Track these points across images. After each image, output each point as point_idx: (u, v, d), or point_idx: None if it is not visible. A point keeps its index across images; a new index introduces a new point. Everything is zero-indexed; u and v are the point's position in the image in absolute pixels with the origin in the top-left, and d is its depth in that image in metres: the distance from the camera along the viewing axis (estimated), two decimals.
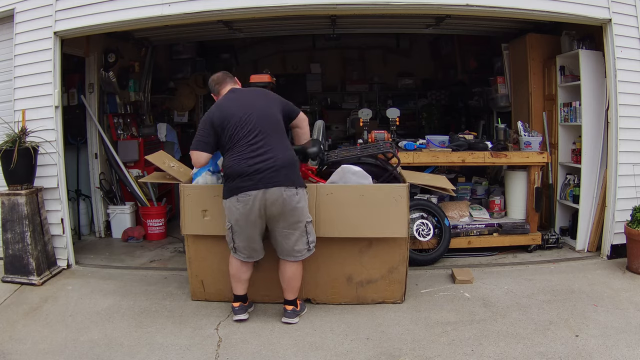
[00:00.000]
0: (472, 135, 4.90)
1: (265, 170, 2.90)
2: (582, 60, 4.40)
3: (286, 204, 2.94)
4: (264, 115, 3.02)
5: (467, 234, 4.46)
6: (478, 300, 3.46)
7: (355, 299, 3.44)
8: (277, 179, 2.90)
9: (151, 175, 4.00)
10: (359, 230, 3.30)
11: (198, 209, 3.39)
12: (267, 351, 2.84)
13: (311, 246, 3.13)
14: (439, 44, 7.66)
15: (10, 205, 3.87)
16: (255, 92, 3.25)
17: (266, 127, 3.00)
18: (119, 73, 5.50)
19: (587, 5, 4.04)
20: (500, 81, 5.68)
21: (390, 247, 3.36)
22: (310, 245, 3.13)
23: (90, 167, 5.32)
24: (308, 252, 3.13)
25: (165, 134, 6.23)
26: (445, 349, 2.81)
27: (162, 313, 3.35)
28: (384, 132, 4.41)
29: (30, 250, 3.85)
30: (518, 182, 4.62)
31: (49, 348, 2.89)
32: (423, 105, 8.22)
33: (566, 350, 2.75)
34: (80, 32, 4.20)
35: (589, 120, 4.40)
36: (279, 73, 7.47)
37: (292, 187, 2.94)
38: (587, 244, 4.49)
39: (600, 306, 3.31)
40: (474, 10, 4.01)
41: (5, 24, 4.27)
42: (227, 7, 3.93)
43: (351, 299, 3.43)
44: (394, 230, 3.30)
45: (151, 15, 3.96)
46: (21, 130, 3.90)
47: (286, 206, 2.94)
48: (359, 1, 3.92)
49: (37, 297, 3.62)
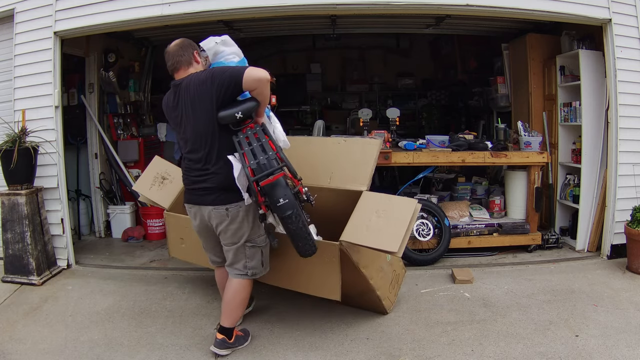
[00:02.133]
0: (472, 135, 4.90)
1: (198, 189, 2.68)
2: (582, 60, 4.40)
3: (219, 223, 2.68)
4: (198, 127, 2.60)
5: (467, 234, 4.46)
6: (478, 300, 3.46)
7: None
8: (207, 200, 2.65)
9: (141, 196, 3.73)
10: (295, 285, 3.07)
11: (177, 236, 3.45)
12: (267, 350, 2.84)
13: (249, 272, 2.75)
14: (439, 44, 7.66)
15: (10, 205, 3.87)
16: (193, 89, 2.60)
17: (201, 141, 2.61)
18: (119, 73, 5.50)
19: (587, 5, 4.04)
20: (500, 81, 5.68)
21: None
22: (248, 271, 2.75)
23: (90, 167, 5.32)
24: (246, 277, 2.76)
25: (165, 134, 6.22)
26: (445, 349, 2.81)
27: (162, 313, 3.35)
28: (384, 132, 4.41)
29: (30, 250, 3.85)
30: (518, 182, 4.61)
31: (49, 348, 2.89)
32: (423, 105, 8.22)
33: (566, 350, 2.75)
34: (80, 32, 4.20)
35: (589, 120, 4.40)
36: (279, 73, 7.47)
37: (221, 206, 2.63)
38: (587, 244, 4.49)
39: (600, 306, 3.31)
40: (474, 10, 4.01)
41: (5, 24, 4.27)
42: (227, 7, 3.93)
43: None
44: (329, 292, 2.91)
45: (151, 15, 3.96)
46: (21, 130, 3.90)
47: (219, 225, 2.68)
48: (359, 1, 3.91)
49: (37, 297, 3.62)
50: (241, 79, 2.49)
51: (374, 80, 8.39)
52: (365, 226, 2.76)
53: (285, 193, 2.40)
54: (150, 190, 3.58)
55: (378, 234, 2.70)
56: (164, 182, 3.60)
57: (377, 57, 8.42)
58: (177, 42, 2.78)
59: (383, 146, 4.18)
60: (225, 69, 2.61)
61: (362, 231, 2.74)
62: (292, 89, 7.83)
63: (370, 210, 2.82)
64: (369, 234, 2.72)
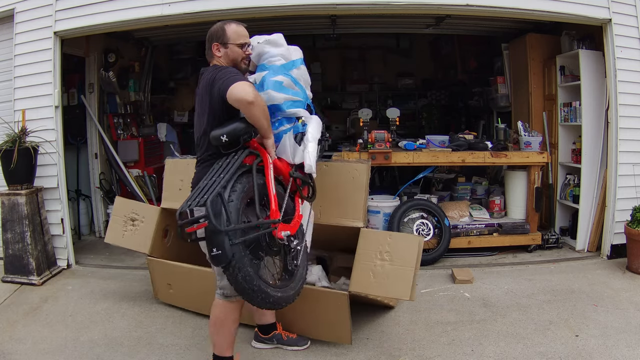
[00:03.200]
0: (472, 135, 4.90)
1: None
2: (582, 60, 4.40)
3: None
4: (197, 124, 2.44)
5: (467, 234, 4.46)
6: (478, 300, 3.46)
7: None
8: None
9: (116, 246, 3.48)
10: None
11: (163, 281, 3.38)
12: (267, 350, 2.84)
13: (218, 292, 2.40)
14: (439, 44, 7.66)
15: (10, 205, 3.87)
16: (201, 85, 2.39)
17: (198, 140, 2.44)
18: (119, 73, 5.50)
19: (587, 5, 4.04)
20: (500, 81, 5.68)
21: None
22: (218, 290, 2.41)
23: (90, 167, 5.32)
24: (222, 297, 2.41)
25: (165, 134, 6.23)
26: (445, 349, 2.80)
27: (162, 313, 3.35)
28: (384, 132, 4.42)
29: (30, 250, 3.85)
30: (518, 182, 4.62)
31: (49, 348, 2.89)
32: (423, 105, 8.22)
33: (566, 350, 2.75)
34: (80, 32, 4.20)
35: (589, 120, 4.40)
36: None
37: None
38: (587, 244, 4.49)
39: (600, 306, 3.31)
40: (474, 10, 4.01)
41: (5, 24, 4.27)
42: (227, 7, 3.94)
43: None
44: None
45: (151, 15, 3.96)
46: (21, 130, 3.90)
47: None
48: (359, 1, 3.92)
49: (37, 297, 3.62)
50: (225, 95, 2.20)
51: (374, 80, 8.38)
52: (370, 272, 2.73)
53: (219, 242, 2.00)
54: (124, 237, 3.39)
55: (386, 281, 2.69)
56: (135, 223, 3.40)
57: (377, 57, 8.41)
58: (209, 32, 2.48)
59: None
60: (223, 76, 2.28)
61: (369, 278, 2.72)
62: None
63: (374, 251, 2.78)
64: (377, 281, 2.71)
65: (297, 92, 2.58)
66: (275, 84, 2.46)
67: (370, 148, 4.29)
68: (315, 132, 2.59)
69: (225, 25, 2.45)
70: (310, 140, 2.54)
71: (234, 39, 2.42)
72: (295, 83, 2.58)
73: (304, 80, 2.70)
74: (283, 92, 2.48)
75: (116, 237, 3.47)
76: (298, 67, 2.64)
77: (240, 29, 2.45)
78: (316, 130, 2.61)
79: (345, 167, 3.06)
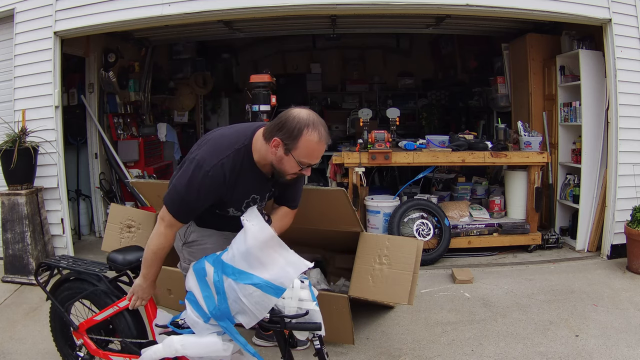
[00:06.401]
0: (472, 135, 4.90)
1: None
2: (582, 60, 4.40)
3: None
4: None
5: (467, 234, 4.46)
6: (478, 300, 3.46)
7: None
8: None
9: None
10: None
11: (163, 287, 3.18)
12: (267, 350, 2.84)
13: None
14: (439, 44, 7.66)
15: (10, 205, 3.87)
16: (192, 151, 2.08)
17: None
18: (119, 73, 5.50)
19: (587, 5, 4.04)
20: (500, 81, 5.68)
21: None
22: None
23: (90, 167, 5.32)
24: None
25: (165, 134, 6.23)
26: (445, 349, 2.80)
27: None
28: (384, 132, 4.42)
29: (30, 250, 3.85)
30: (518, 182, 4.62)
31: (49, 348, 2.88)
32: (423, 105, 8.22)
33: (566, 350, 2.74)
34: (80, 32, 4.20)
35: (589, 120, 4.40)
36: (279, 73, 7.46)
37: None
38: (587, 244, 4.49)
39: (600, 306, 3.31)
40: (474, 10, 4.02)
41: (5, 24, 4.27)
42: (227, 7, 3.93)
43: None
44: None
45: (151, 15, 3.96)
46: (21, 130, 3.90)
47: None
48: (359, 1, 3.92)
49: (37, 297, 3.61)
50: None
51: (374, 80, 8.40)
52: (369, 276, 2.70)
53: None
54: (121, 245, 3.24)
55: (385, 285, 2.66)
56: (132, 230, 3.29)
57: (377, 57, 8.42)
58: (296, 113, 1.91)
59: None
60: (177, 183, 1.92)
61: (368, 282, 2.69)
62: (292, 89, 7.82)
63: (373, 255, 2.75)
64: (376, 286, 2.68)
65: (208, 297, 1.88)
66: (199, 271, 1.92)
67: (370, 148, 4.29)
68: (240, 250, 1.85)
69: (306, 129, 1.83)
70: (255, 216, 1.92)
71: (301, 155, 1.86)
72: (217, 290, 1.85)
73: (237, 299, 1.82)
74: (199, 284, 1.93)
75: (113, 244, 3.35)
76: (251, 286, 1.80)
77: (319, 147, 1.86)
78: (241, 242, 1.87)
79: (321, 193, 2.80)
